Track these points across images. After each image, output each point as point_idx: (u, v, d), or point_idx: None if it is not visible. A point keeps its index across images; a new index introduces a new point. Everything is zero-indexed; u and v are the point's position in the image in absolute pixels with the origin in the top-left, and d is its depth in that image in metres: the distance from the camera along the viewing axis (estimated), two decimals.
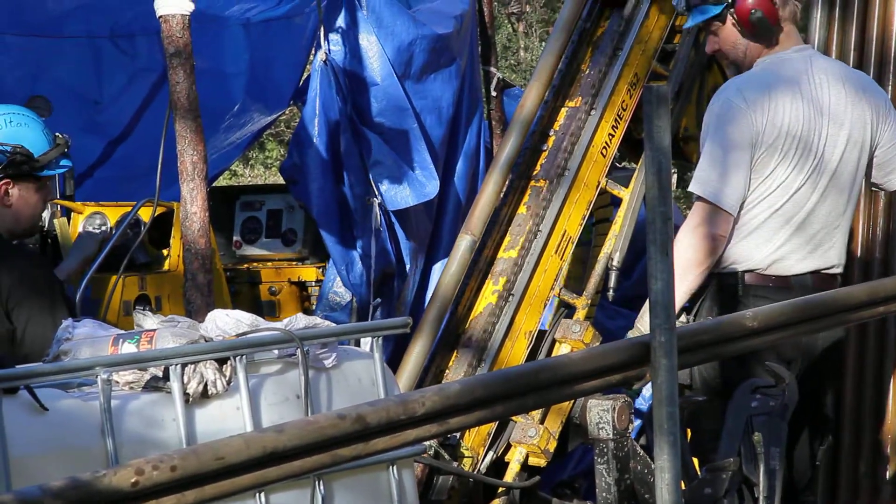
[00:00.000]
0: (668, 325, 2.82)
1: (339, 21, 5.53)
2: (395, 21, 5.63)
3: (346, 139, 5.49)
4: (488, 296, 4.66)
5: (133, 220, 4.95)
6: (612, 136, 4.89)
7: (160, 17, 4.25)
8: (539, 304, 4.71)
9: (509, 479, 4.53)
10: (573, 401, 4.44)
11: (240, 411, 2.98)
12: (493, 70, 6.35)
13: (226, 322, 3.12)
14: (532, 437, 4.46)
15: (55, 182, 5.19)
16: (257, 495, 2.96)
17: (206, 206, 4.27)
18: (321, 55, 5.48)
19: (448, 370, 4.59)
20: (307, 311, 5.58)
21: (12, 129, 4.11)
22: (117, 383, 2.91)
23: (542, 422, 4.53)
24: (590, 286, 4.84)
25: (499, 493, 4.57)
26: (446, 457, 4.38)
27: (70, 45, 6.01)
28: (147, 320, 3.16)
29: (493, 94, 6.34)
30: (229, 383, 2.99)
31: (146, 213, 4.94)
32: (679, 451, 2.84)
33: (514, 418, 4.51)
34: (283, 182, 5.86)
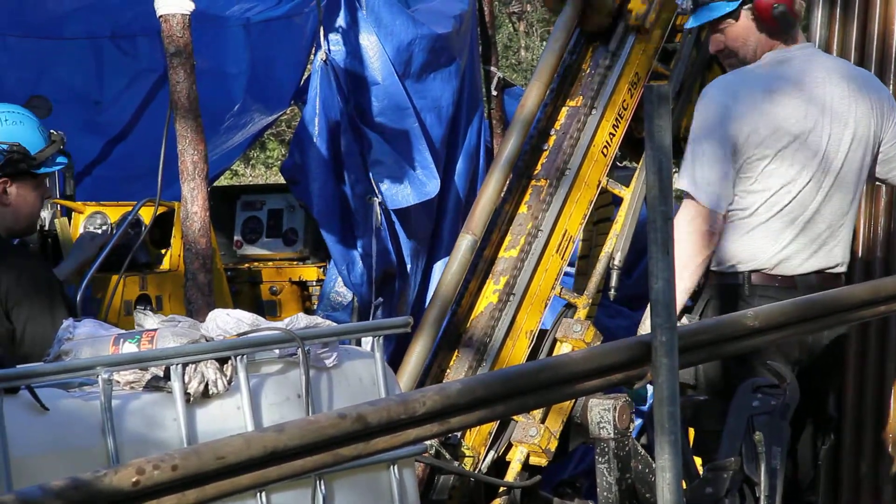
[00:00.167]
0: (669, 325, 2.82)
1: (339, 21, 5.53)
2: (394, 21, 5.63)
3: (347, 139, 5.50)
4: (489, 295, 4.65)
5: (134, 220, 4.96)
6: (613, 135, 4.88)
7: (160, 16, 4.25)
8: (540, 304, 4.71)
9: (510, 478, 4.52)
10: (574, 400, 4.44)
11: (240, 411, 2.98)
12: (493, 69, 6.35)
13: (227, 322, 3.12)
14: (533, 437, 4.46)
15: (55, 180, 5.19)
16: (258, 495, 2.96)
17: (206, 205, 4.27)
18: (321, 55, 5.48)
19: (449, 370, 4.59)
20: (308, 311, 5.58)
21: (7, 127, 4.11)
22: (118, 383, 2.91)
23: (543, 421, 4.53)
24: (591, 285, 4.84)
25: (500, 492, 4.56)
26: (447, 456, 4.38)
27: (71, 46, 6.01)
28: (148, 320, 3.15)
29: (494, 93, 6.33)
30: (230, 383, 2.98)
31: (147, 212, 4.94)
32: (680, 450, 2.83)
33: (515, 418, 4.50)
34: (283, 182, 5.86)
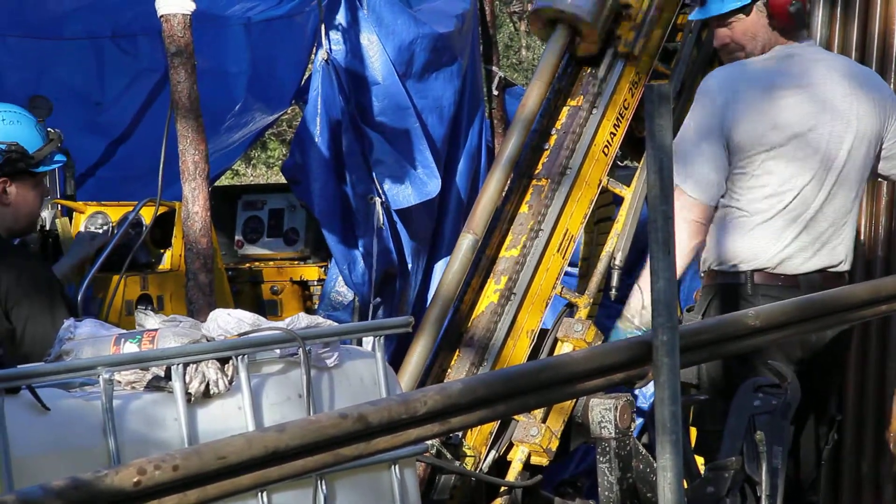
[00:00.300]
0: (670, 324, 2.82)
1: (340, 20, 5.53)
2: (395, 20, 5.63)
3: (348, 138, 5.49)
4: (490, 295, 4.65)
5: (135, 220, 4.96)
6: (614, 134, 4.88)
7: (161, 16, 4.25)
8: (541, 303, 4.71)
9: (511, 478, 4.52)
10: (575, 400, 4.44)
11: (241, 411, 2.98)
12: (494, 69, 6.35)
13: (227, 321, 3.12)
14: (534, 436, 4.46)
15: (56, 180, 5.19)
16: (259, 495, 2.96)
17: (207, 205, 4.27)
18: (322, 54, 5.48)
19: (450, 369, 4.59)
20: (309, 311, 5.58)
21: (5, 127, 4.10)
22: (119, 383, 2.91)
23: (544, 421, 4.53)
24: (592, 285, 4.84)
25: (501, 492, 4.56)
26: (448, 456, 4.38)
27: (71, 46, 6.01)
28: (149, 320, 3.15)
29: (495, 92, 6.33)
30: (231, 383, 2.98)
31: (148, 212, 4.94)
32: (681, 449, 2.83)
33: (516, 417, 4.50)
34: (284, 181, 5.85)
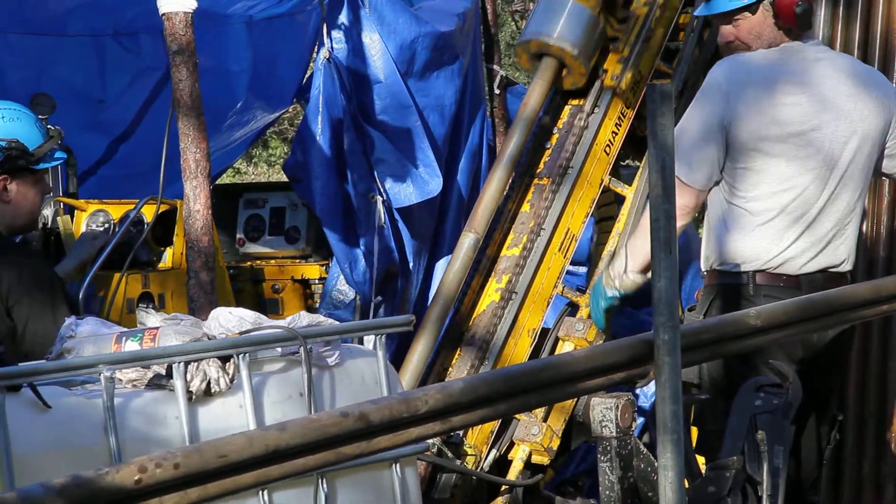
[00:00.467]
0: (671, 323, 2.82)
1: (342, 18, 5.53)
2: (397, 19, 5.63)
3: (350, 137, 5.50)
4: (491, 294, 4.65)
5: (136, 218, 4.96)
6: (616, 133, 4.88)
7: (163, 14, 4.25)
8: (542, 302, 4.71)
9: (512, 477, 4.53)
10: (576, 399, 4.44)
11: (243, 409, 2.98)
12: (496, 68, 6.35)
13: (229, 320, 3.12)
14: (535, 435, 4.46)
15: (58, 178, 5.19)
16: (260, 493, 2.95)
17: (209, 203, 4.27)
18: (324, 53, 5.48)
19: (451, 368, 4.59)
20: (310, 309, 5.58)
21: (5, 124, 4.10)
22: (120, 381, 2.91)
23: (545, 420, 4.53)
24: (593, 283, 4.84)
25: (502, 490, 4.57)
26: (449, 455, 4.38)
27: (73, 44, 6.01)
28: (150, 318, 3.15)
29: (497, 91, 6.33)
30: (232, 381, 2.98)
31: (149, 210, 4.95)
32: (682, 449, 2.83)
33: (517, 416, 4.50)
34: (286, 180, 5.86)
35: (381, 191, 5.57)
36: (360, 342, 3.39)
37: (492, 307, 4.62)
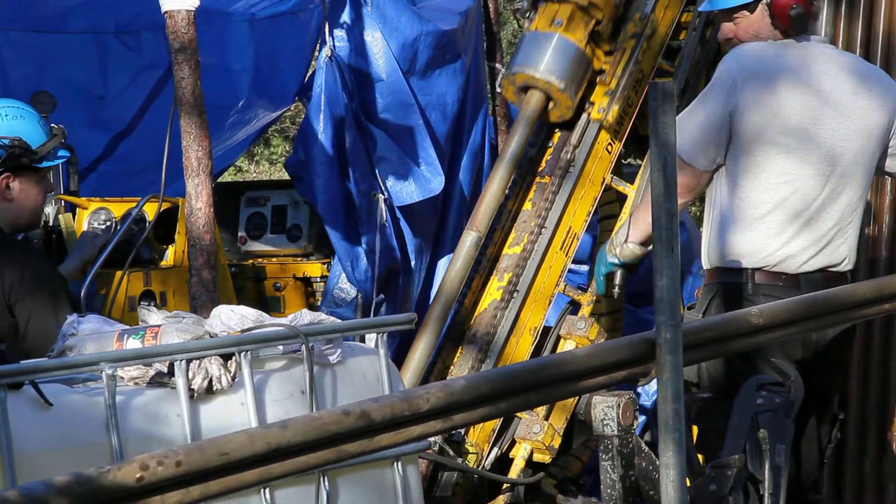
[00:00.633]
0: (673, 322, 2.82)
1: (344, 17, 5.53)
2: (399, 17, 5.63)
3: (352, 135, 5.50)
4: (493, 292, 4.65)
5: (138, 216, 4.96)
6: (618, 132, 4.88)
7: (165, 12, 4.25)
8: (544, 301, 4.71)
9: (514, 475, 4.52)
10: (578, 397, 4.44)
11: (244, 407, 2.98)
12: (498, 66, 6.35)
13: (230, 318, 3.12)
14: (537, 434, 4.45)
15: (59, 175, 5.19)
16: (262, 491, 2.96)
17: (210, 201, 4.27)
18: (326, 51, 5.48)
19: (453, 366, 4.59)
20: (312, 307, 5.58)
21: (8, 122, 4.11)
22: (122, 379, 2.91)
23: (546, 418, 4.52)
24: (594, 282, 4.84)
25: (503, 489, 4.56)
26: (451, 453, 4.38)
27: (75, 41, 6.02)
28: (152, 316, 3.15)
29: (498, 90, 6.32)
30: (234, 379, 2.98)
31: (151, 208, 4.95)
32: (684, 447, 2.83)
33: (518, 414, 4.50)
34: (288, 178, 5.86)
35: (382, 189, 5.56)
36: (362, 340, 3.39)
37: (493, 305, 4.62)
